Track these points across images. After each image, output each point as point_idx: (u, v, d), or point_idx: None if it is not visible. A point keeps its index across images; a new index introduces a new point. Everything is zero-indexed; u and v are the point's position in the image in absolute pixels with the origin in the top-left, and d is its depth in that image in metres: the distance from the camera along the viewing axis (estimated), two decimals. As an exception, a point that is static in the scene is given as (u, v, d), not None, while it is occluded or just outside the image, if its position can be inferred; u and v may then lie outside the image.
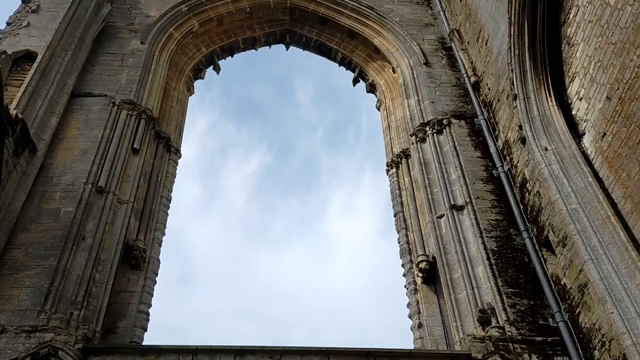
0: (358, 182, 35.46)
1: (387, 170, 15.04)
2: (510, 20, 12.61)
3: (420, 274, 12.15)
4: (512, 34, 12.54)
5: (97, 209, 11.22)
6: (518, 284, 10.59)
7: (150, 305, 11.27)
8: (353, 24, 17.73)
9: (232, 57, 18.08)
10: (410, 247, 12.88)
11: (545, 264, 10.69)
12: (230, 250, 33.02)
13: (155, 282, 11.76)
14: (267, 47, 18.73)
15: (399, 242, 13.23)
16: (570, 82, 11.69)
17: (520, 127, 12.00)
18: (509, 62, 12.57)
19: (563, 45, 11.97)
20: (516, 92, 12.28)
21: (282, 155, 36.02)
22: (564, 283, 10.00)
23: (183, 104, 15.90)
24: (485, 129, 13.60)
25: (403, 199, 13.91)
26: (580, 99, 11.26)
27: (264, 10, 18.27)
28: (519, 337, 9.69)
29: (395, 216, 13.80)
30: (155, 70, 14.82)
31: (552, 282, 10.40)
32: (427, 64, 15.74)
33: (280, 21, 18.54)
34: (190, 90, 16.60)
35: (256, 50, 18.57)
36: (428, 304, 11.82)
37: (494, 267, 10.76)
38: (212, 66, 17.51)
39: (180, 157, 14.55)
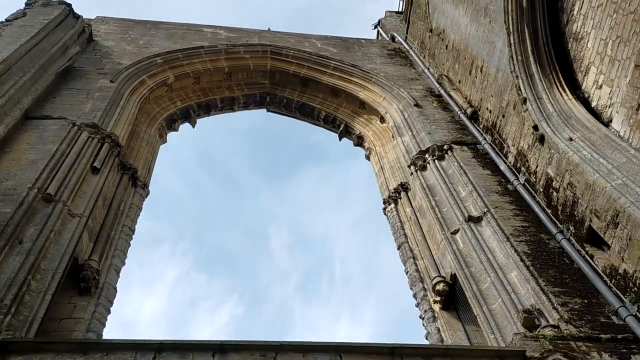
0: (334, 332, 33.29)
1: (384, 209, 13.32)
2: (508, 30, 11.94)
3: (438, 298, 10.01)
4: (513, 42, 11.79)
5: (41, 216, 9.12)
6: (564, 284, 8.59)
7: (101, 335, 8.75)
8: (336, 81, 16.98)
9: (208, 115, 16.91)
10: (421, 274, 10.83)
11: (593, 260, 8.79)
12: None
13: (109, 312, 9.33)
14: (246, 109, 17.68)
15: (406, 273, 11.18)
16: (584, 76, 10.71)
17: (536, 127, 10.74)
18: (512, 69, 11.66)
19: (570, 44, 11.19)
20: (525, 95, 11.20)
21: (254, 305, 34.10)
22: (624, 270, 8.07)
23: (154, 147, 14.31)
24: (491, 151, 12.27)
25: (406, 230, 12.08)
26: (600, 87, 10.19)
27: (243, 73, 17.49)
28: (581, 335, 7.53)
29: (399, 248, 11.86)
30: (124, 107, 13.43)
31: (605, 278, 8.43)
32: (417, 105, 14.78)
33: (260, 85, 17.70)
34: (162, 137, 15.11)
35: (234, 111, 17.50)
36: (452, 330, 9.55)
37: (531, 268, 8.80)
38: (188, 120, 16.21)
39: (148, 193, 12.66)
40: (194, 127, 16.34)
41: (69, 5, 15.51)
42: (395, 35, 20.17)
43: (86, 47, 15.87)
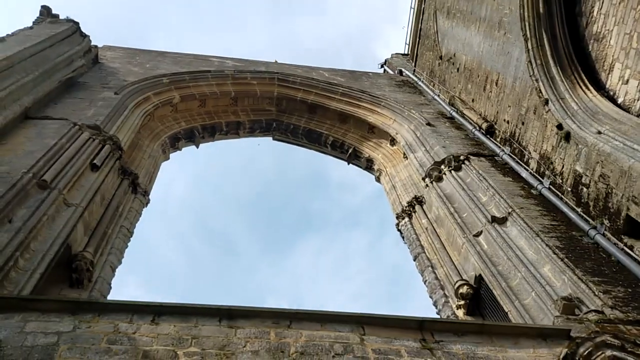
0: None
1: (397, 224, 12.63)
2: (525, 37, 11.67)
3: (461, 302, 9.16)
4: (531, 47, 11.49)
5: (34, 200, 8.45)
6: (603, 274, 7.80)
7: (91, 329, 7.85)
8: (345, 107, 16.65)
9: (213, 139, 16.48)
10: (442, 282, 10.02)
11: (633, 251, 8.06)
12: None
13: (101, 307, 8.46)
14: (252, 135, 17.29)
15: (425, 282, 10.38)
16: (608, 74, 10.32)
17: (560, 126, 10.26)
18: (532, 73, 11.32)
19: (590, 46, 10.87)
20: (547, 96, 10.79)
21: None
22: (671, 254, 7.35)
23: (156, 160, 13.76)
24: (510, 160, 11.70)
25: (422, 241, 11.34)
26: (627, 82, 9.77)
27: (250, 99, 17.20)
28: (630, 319, 6.71)
29: (415, 259, 11.10)
30: (128, 117, 12.98)
31: (649, 267, 7.68)
32: (429, 124, 14.34)
33: (267, 111, 17.38)
34: (165, 154, 14.58)
35: (240, 137, 17.08)
36: (478, 334, 8.64)
37: (566, 260, 8.04)
38: (192, 140, 15.74)
39: (148, 202, 12.03)
40: (197, 147, 15.88)
41: (77, 23, 15.40)
42: (403, 69, 20.06)
43: (92, 67, 15.62)
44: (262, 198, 41.69)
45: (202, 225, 40.35)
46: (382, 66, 23.02)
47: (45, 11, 15.92)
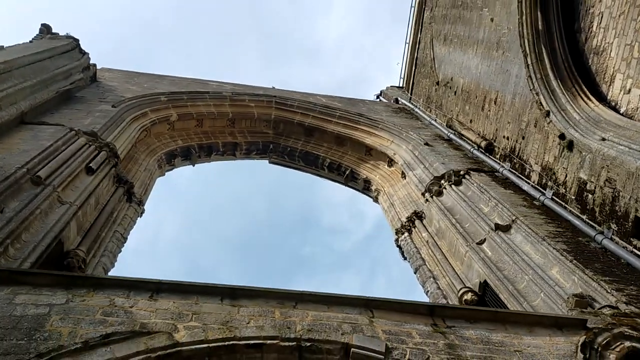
0: None
1: (397, 240, 12.38)
2: (525, 53, 11.77)
3: (466, 309, 8.85)
4: (531, 62, 11.57)
5: (28, 195, 8.18)
6: (614, 275, 7.58)
7: (81, 327, 7.48)
8: (342, 129, 16.61)
9: (209, 158, 16.31)
10: (444, 292, 9.72)
11: (643, 253, 7.87)
12: None
13: (92, 306, 8.09)
14: (248, 156, 17.13)
15: (427, 293, 10.08)
16: (609, 85, 10.36)
17: (562, 136, 10.21)
18: (532, 88, 11.35)
19: (590, 60, 10.95)
20: (548, 109, 10.78)
21: None
22: (684, 251, 7.16)
23: (152, 174, 13.53)
24: (511, 175, 11.59)
25: (423, 254, 11.09)
26: (629, 91, 9.80)
27: (247, 121, 17.13)
28: (647, 313, 6.48)
29: (416, 272, 10.84)
30: (125, 128, 12.83)
31: (661, 267, 7.48)
32: (427, 144, 14.29)
33: (264, 134, 17.30)
34: (161, 169, 14.35)
35: (236, 158, 16.92)
36: (485, 341, 8.31)
37: (575, 262, 7.83)
38: (189, 158, 15.56)
39: (143, 212, 11.73)
40: (194, 166, 15.71)
41: (77, 40, 15.39)
42: (399, 98, 20.15)
43: (90, 84, 15.54)
44: (252, 241, 41.38)
45: (191, 266, 39.77)
46: (377, 97, 23.09)
47: (45, 29, 15.92)
